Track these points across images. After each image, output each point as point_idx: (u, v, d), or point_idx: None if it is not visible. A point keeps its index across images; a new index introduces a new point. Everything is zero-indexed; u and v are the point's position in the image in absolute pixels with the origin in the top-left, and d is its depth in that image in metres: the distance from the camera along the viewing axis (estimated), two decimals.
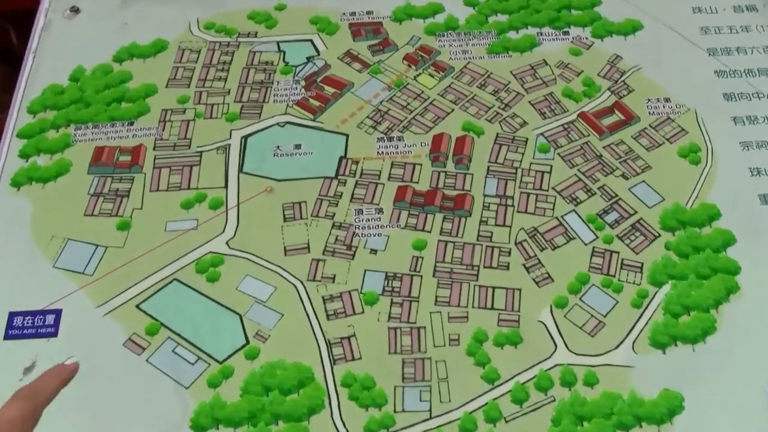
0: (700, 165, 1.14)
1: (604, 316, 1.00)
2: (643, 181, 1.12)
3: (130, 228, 1.09)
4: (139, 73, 1.27)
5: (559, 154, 1.15)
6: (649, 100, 1.21)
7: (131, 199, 1.12)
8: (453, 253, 1.06)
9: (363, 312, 1.02)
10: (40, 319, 1.01)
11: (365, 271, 1.05)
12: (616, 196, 1.11)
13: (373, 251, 1.06)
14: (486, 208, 1.10)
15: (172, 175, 1.14)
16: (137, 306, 1.02)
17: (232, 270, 1.05)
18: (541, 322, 1.00)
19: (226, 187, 1.13)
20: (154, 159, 1.16)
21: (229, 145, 1.17)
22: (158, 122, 1.20)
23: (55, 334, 0.99)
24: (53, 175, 1.15)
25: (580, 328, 1.00)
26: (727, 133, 1.17)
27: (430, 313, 1.01)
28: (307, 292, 1.03)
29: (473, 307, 1.02)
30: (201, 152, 1.16)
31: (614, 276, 1.04)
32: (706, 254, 1.05)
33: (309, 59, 1.27)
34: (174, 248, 1.07)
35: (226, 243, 1.08)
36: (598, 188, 1.12)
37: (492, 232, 1.08)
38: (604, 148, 1.16)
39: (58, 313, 1.01)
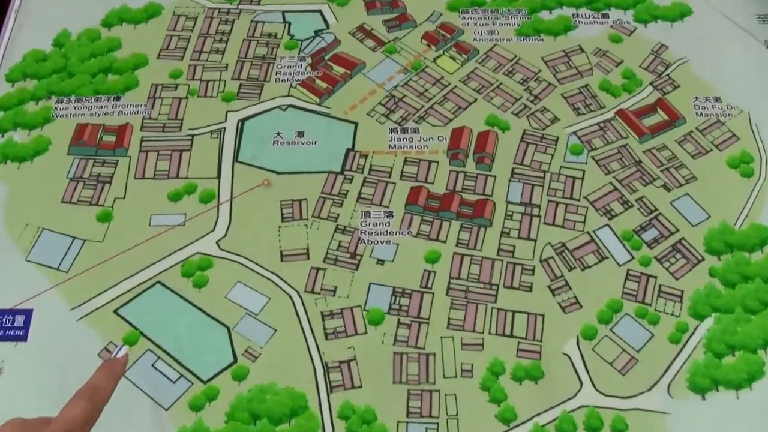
0: (752, 178, 1.02)
1: (638, 351, 0.90)
2: (687, 194, 1.01)
3: (111, 220, 0.99)
4: (129, 40, 1.15)
5: (593, 157, 1.03)
6: (696, 98, 1.08)
7: (114, 186, 1.02)
8: (470, 268, 0.95)
9: (366, 332, 0.91)
10: (9, 319, 0.91)
11: (370, 284, 0.94)
12: (656, 210, 0.99)
13: (380, 261, 0.95)
14: (509, 217, 0.98)
15: (159, 161, 1.03)
16: (115, 311, 0.92)
17: (221, 275, 0.95)
18: (565, 354, 0.90)
19: (218, 177, 1.02)
20: (141, 141, 1.05)
21: (224, 128, 1.05)
22: (147, 98, 1.09)
23: (24, 338, 0.90)
24: (30, 154, 1.04)
25: (610, 364, 0.89)
26: None
27: (442, 337, 0.91)
28: (304, 306, 0.93)
29: (490, 333, 0.91)
30: (193, 136, 1.05)
31: (650, 305, 0.93)
32: (755, 284, 0.94)
33: (317, 33, 1.14)
34: (158, 246, 0.97)
35: (217, 243, 0.97)
36: (636, 200, 1.00)
37: (514, 246, 0.96)
38: (644, 152, 1.04)
39: (28, 313, 0.92)
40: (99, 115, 1.07)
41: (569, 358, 0.89)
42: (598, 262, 0.96)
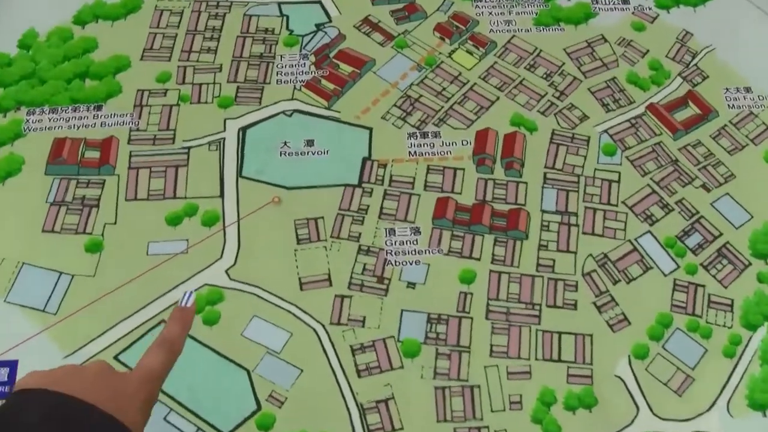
0: None
1: (693, 369, 0.85)
2: (727, 194, 0.95)
3: (101, 250, 0.89)
4: (107, 40, 1.03)
5: (627, 157, 0.96)
6: (727, 89, 1.02)
7: (102, 210, 0.91)
8: (509, 287, 0.88)
9: (402, 366, 0.84)
10: None
11: (402, 311, 0.87)
12: (698, 213, 0.93)
13: (411, 285, 0.87)
14: (545, 228, 0.91)
15: (153, 179, 0.93)
16: (116, 357, 0.83)
17: (235, 309, 0.86)
18: (618, 377, 0.84)
19: (222, 196, 0.92)
20: (130, 156, 0.94)
21: (224, 139, 0.95)
22: (133, 107, 0.98)
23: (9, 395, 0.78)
24: (1, 176, 0.93)
25: (665, 384, 0.84)
26: None
27: (485, 367, 0.84)
28: (330, 340, 0.85)
29: (536, 358, 0.85)
30: (189, 148, 0.94)
31: (701, 316, 0.88)
32: None
33: (318, 27, 1.04)
34: (159, 278, 0.87)
35: (226, 272, 0.88)
36: (676, 202, 0.94)
37: (554, 260, 0.89)
38: (679, 150, 0.97)
39: (12, 365, 0.82)
40: (78, 128, 0.96)
41: (622, 380, 0.84)
42: (643, 272, 0.90)
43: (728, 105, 1.01)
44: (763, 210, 0.94)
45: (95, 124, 0.96)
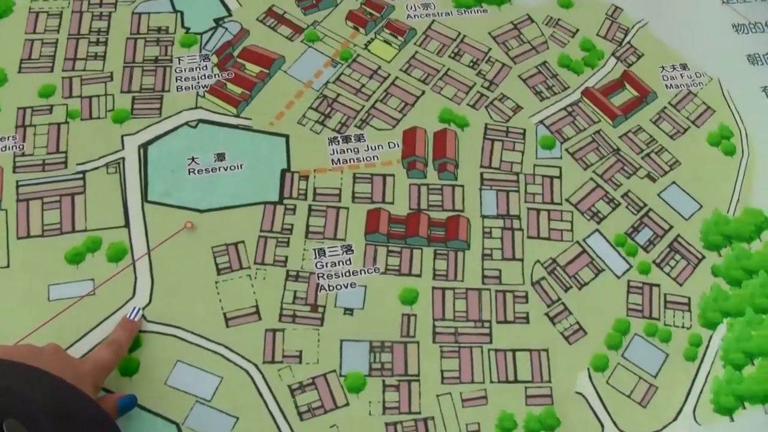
0: (735, 156, 0.92)
1: (655, 377, 0.80)
2: (674, 183, 0.90)
3: None
4: None
5: (567, 150, 0.89)
6: (663, 68, 0.97)
7: None
8: (455, 304, 0.81)
9: (348, 403, 0.76)
10: None
11: (341, 341, 0.79)
12: (645, 206, 0.88)
13: (348, 311, 0.79)
14: (488, 234, 0.84)
15: (46, 212, 0.81)
16: None
17: (155, 355, 0.76)
18: (579, 393, 0.78)
19: (127, 225, 0.81)
20: (17, 186, 0.82)
21: (123, 159, 0.84)
22: (15, 128, 0.85)
23: None
24: None
25: (629, 396, 0.79)
26: (760, 108, 0.95)
27: (437, 396, 0.77)
28: (266, 381, 0.76)
29: (491, 381, 0.78)
30: (84, 172, 0.83)
31: (658, 319, 0.83)
32: (761, 279, 0.85)
33: (218, 23, 0.93)
34: (65, 327, 0.76)
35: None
36: (622, 196, 0.88)
37: (500, 270, 0.82)
38: (620, 138, 0.91)
39: None
40: None
41: (584, 397, 0.78)
42: (595, 276, 0.84)
43: (666, 85, 0.95)
44: (711, 198, 0.89)
45: None
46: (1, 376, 0.58)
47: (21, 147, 0.84)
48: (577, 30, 0.97)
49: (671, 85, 0.95)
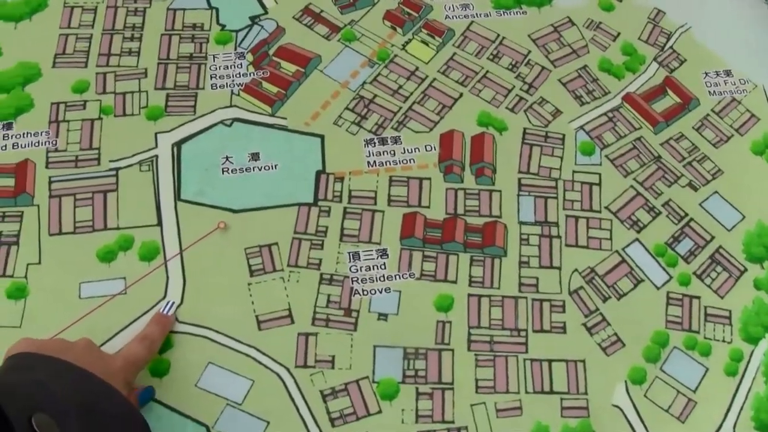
0: None
1: (694, 391, 0.78)
2: (716, 192, 0.87)
3: (26, 295, 0.76)
4: (10, 45, 0.89)
5: (607, 156, 0.87)
6: (706, 74, 0.94)
7: (23, 248, 0.78)
8: (490, 312, 0.79)
9: (380, 411, 0.75)
10: None
11: (375, 347, 0.77)
12: (686, 215, 0.86)
13: (382, 316, 0.78)
14: (525, 241, 0.82)
15: (78, 208, 0.80)
16: None
17: (186, 356, 0.75)
18: (616, 406, 0.77)
19: (160, 224, 0.80)
20: (50, 182, 0.81)
21: (156, 156, 0.83)
22: (48, 123, 0.84)
23: None
24: None
25: (666, 410, 0.77)
26: None
27: (471, 405, 0.76)
28: (297, 386, 0.75)
29: (527, 391, 0.77)
30: (117, 170, 0.82)
31: (698, 332, 0.81)
32: None
33: (254, 21, 0.91)
34: (97, 325, 0.75)
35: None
36: (663, 205, 0.86)
37: (537, 278, 0.81)
38: (661, 145, 0.89)
39: None
40: None
41: (621, 410, 0.76)
42: (634, 286, 0.82)
43: (709, 91, 0.93)
44: (755, 208, 0.87)
45: (6, 145, 0.82)
46: (32, 369, 0.58)
47: (54, 143, 0.83)
48: (619, 33, 0.95)
49: (714, 91, 0.93)
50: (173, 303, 0.75)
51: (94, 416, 0.56)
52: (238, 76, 0.88)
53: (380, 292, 0.78)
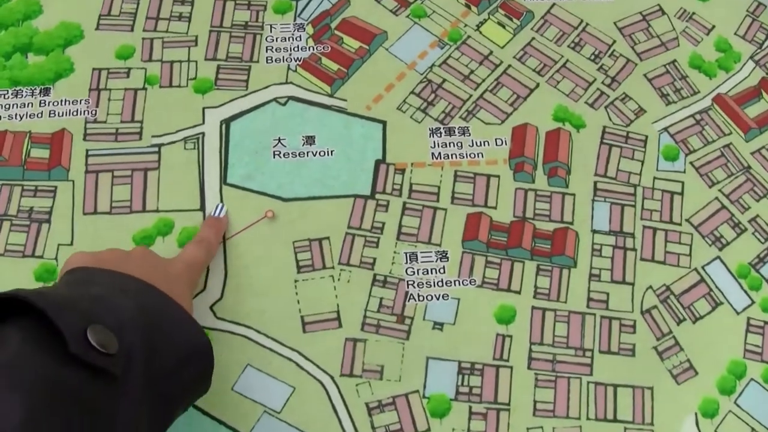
0: None
1: None
2: None
3: (56, 278, 0.71)
4: (52, 2, 0.82)
5: (691, 163, 0.80)
6: None
7: (55, 227, 0.73)
8: (555, 328, 0.72)
9: (429, 429, 0.69)
10: None
11: (427, 359, 0.71)
12: None
13: (438, 325, 0.71)
14: (597, 252, 0.75)
15: (116, 186, 0.74)
16: None
17: (223, 356, 0.69)
18: None
19: (202, 209, 0.74)
20: (87, 156, 0.75)
21: (203, 134, 0.76)
22: (88, 91, 0.78)
23: None
24: None
25: None
26: None
27: (528, 429, 0.70)
28: (341, 396, 0.69)
29: (588, 417, 0.71)
30: (159, 146, 0.75)
31: None
32: None
33: None
34: None
35: (211, 309, 0.71)
36: (749, 221, 0.78)
37: (608, 294, 0.74)
38: (752, 154, 0.82)
39: None
40: (21, 118, 0.77)
41: None
42: (712, 309, 0.75)
43: None
44: None
45: (41, 113, 0.76)
46: (90, 284, 0.55)
47: (93, 112, 0.77)
48: (713, 27, 0.86)
49: None
50: (222, 205, 0.73)
51: (155, 330, 0.53)
52: (296, 49, 0.81)
53: (437, 299, 0.72)
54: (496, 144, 0.78)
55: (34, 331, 0.47)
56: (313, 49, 0.81)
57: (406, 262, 0.73)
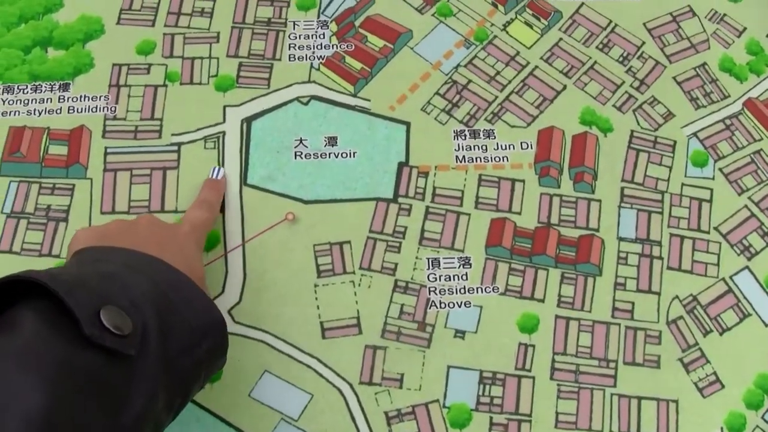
0: None
1: None
2: None
3: None
4: None
5: (720, 169, 0.78)
6: None
7: (71, 225, 0.72)
8: (578, 338, 0.71)
9: None
10: None
11: (448, 368, 0.70)
12: None
13: (460, 333, 0.70)
14: (623, 261, 0.74)
15: (134, 185, 0.73)
16: None
17: (240, 361, 0.68)
18: None
19: (222, 210, 0.73)
20: (105, 154, 0.74)
21: (224, 133, 0.75)
22: (108, 87, 0.77)
23: None
24: None
25: None
26: None
27: None
28: (360, 404, 0.68)
29: (611, 430, 0.69)
30: (179, 145, 0.74)
31: None
32: None
33: None
34: None
35: (229, 313, 0.70)
36: None
37: (633, 303, 0.72)
38: None
39: None
40: (40, 114, 0.76)
41: None
42: (740, 321, 0.73)
43: None
44: None
45: (60, 109, 0.75)
46: (100, 262, 0.55)
47: (113, 109, 0.75)
48: (745, 29, 0.84)
49: None
50: (220, 168, 0.73)
51: (168, 307, 0.52)
52: (319, 47, 0.79)
53: (459, 306, 0.71)
54: (522, 147, 0.77)
55: (48, 313, 0.46)
56: (337, 47, 0.79)
57: (428, 268, 0.72)
